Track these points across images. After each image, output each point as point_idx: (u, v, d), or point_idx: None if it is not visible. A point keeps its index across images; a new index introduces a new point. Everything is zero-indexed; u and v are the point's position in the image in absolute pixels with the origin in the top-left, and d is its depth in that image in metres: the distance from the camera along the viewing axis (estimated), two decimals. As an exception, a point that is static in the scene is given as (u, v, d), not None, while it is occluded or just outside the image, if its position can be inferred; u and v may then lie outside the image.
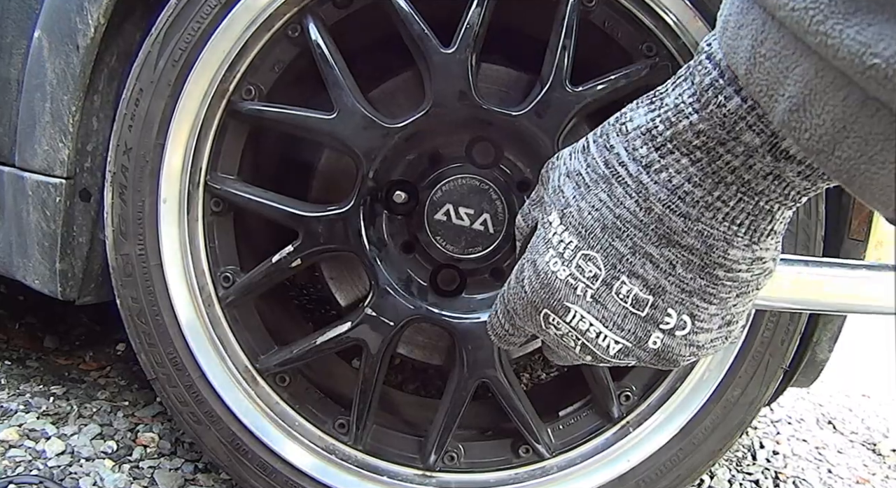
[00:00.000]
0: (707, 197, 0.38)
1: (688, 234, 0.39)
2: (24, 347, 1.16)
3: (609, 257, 0.40)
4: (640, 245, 0.39)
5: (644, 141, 0.39)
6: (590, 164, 0.42)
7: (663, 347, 0.41)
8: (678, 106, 0.38)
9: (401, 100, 0.86)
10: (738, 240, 0.39)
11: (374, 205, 0.79)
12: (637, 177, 0.39)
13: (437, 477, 0.84)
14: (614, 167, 0.40)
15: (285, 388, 0.84)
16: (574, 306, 0.41)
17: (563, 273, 0.41)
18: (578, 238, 0.41)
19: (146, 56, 0.76)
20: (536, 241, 0.44)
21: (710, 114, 0.36)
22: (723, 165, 0.37)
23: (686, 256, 0.39)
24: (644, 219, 0.39)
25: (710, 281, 0.40)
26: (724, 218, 0.38)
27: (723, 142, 0.36)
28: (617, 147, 0.41)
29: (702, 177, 0.38)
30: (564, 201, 0.43)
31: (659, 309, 0.40)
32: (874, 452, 1.49)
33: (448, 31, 0.75)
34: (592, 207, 0.41)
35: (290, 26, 0.78)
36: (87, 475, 0.83)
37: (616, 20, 0.77)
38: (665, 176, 0.38)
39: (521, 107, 0.75)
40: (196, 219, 0.80)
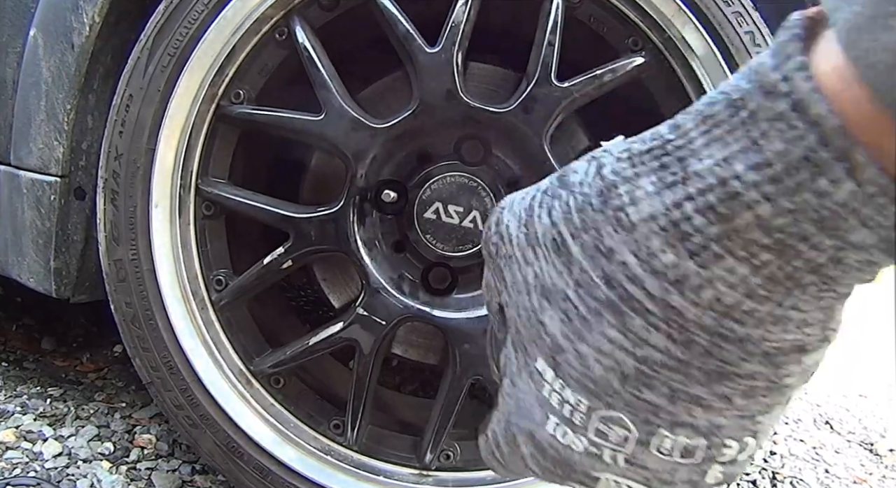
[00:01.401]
0: (776, 310, 0.26)
1: (748, 362, 0.27)
2: (21, 349, 1.16)
3: (639, 413, 0.28)
4: (680, 389, 0.28)
5: (667, 241, 0.26)
6: (580, 282, 0.28)
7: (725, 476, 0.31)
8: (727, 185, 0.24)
9: (390, 100, 0.86)
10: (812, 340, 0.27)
11: (364, 205, 0.80)
12: (663, 299, 0.26)
13: (433, 476, 0.84)
14: (622, 287, 0.27)
15: (280, 390, 0.84)
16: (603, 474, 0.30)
17: (579, 445, 0.30)
18: (589, 395, 0.29)
19: (135, 62, 0.77)
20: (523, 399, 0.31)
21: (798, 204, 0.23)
22: (802, 267, 0.25)
23: (748, 385, 0.28)
24: (682, 357, 0.27)
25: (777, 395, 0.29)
26: (796, 326, 0.26)
27: (806, 238, 0.24)
28: (619, 251, 0.27)
29: (771, 289, 0.25)
30: (552, 342, 0.29)
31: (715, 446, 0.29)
32: (871, 452, 1.49)
33: (435, 30, 0.75)
34: (600, 351, 0.28)
35: (278, 29, 0.78)
36: (84, 476, 0.84)
37: (601, 15, 0.78)
38: (710, 294, 0.26)
39: (508, 104, 0.75)
40: (188, 222, 0.81)
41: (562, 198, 0.30)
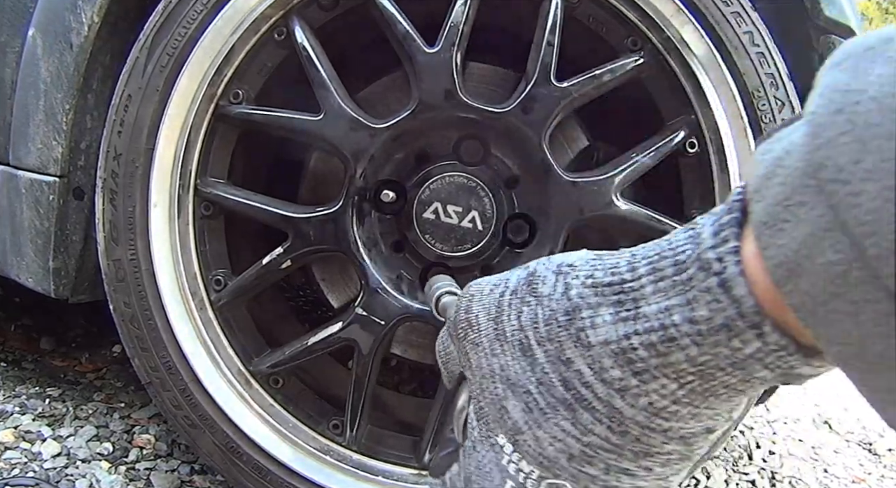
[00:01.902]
0: (693, 410, 0.33)
1: (668, 444, 0.34)
2: (20, 349, 1.16)
3: (580, 481, 0.36)
4: (614, 464, 0.35)
5: (617, 362, 0.32)
6: (542, 381, 0.35)
7: None
8: (667, 330, 0.31)
9: (389, 100, 0.86)
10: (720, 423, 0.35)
11: (363, 205, 0.80)
12: (609, 402, 0.33)
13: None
14: (577, 389, 0.34)
15: (279, 390, 0.84)
16: None
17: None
18: (541, 468, 0.36)
19: (134, 62, 0.77)
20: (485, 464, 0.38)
21: (716, 353, 0.30)
22: (717, 384, 0.31)
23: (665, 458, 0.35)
24: (618, 443, 0.34)
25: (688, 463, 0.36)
26: (709, 417, 0.34)
27: (723, 369, 0.30)
28: (577, 363, 0.33)
29: (691, 397, 0.32)
30: (514, 425, 0.36)
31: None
32: (870, 452, 1.49)
33: (434, 30, 0.75)
34: (554, 438, 0.35)
35: (277, 29, 0.78)
36: (83, 477, 0.84)
37: (600, 15, 0.78)
38: (645, 400, 0.32)
39: (507, 104, 0.75)
40: (187, 223, 0.81)
41: (531, 306, 0.36)
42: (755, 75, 0.73)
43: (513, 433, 0.36)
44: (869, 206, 0.21)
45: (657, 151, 0.77)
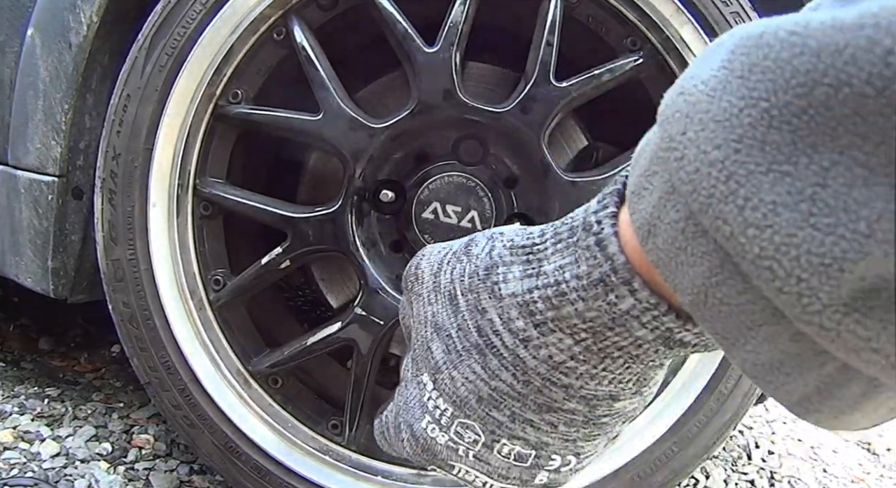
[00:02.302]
0: (591, 370, 0.35)
1: (569, 401, 0.36)
2: (18, 349, 1.16)
3: (487, 425, 0.38)
4: (518, 413, 0.37)
5: (521, 313, 0.35)
6: (461, 327, 0.38)
7: (550, 481, 0.41)
8: (560, 285, 0.34)
9: (388, 100, 0.86)
10: (625, 393, 0.37)
11: (363, 205, 0.80)
12: (514, 351, 0.36)
13: (431, 476, 0.84)
14: (488, 336, 0.37)
15: (278, 390, 0.84)
16: (458, 464, 0.40)
17: (443, 439, 0.40)
18: (454, 407, 0.39)
19: (133, 61, 0.77)
20: (411, 400, 0.42)
21: (598, 307, 0.32)
22: (609, 345, 0.34)
23: (568, 417, 0.37)
24: (522, 391, 0.37)
25: (594, 428, 0.38)
26: (609, 382, 0.36)
27: (611, 328, 0.33)
28: (490, 312, 0.36)
29: (586, 355, 0.34)
30: (435, 364, 0.39)
31: (543, 457, 0.39)
32: (869, 451, 1.49)
33: (434, 30, 0.75)
34: (466, 379, 0.38)
35: (276, 29, 0.78)
36: (82, 477, 0.84)
37: (600, 15, 0.78)
38: (545, 352, 0.35)
39: (506, 103, 0.75)
40: (185, 222, 0.81)
41: (462, 263, 0.40)
42: (754, 75, 0.73)
43: (434, 372, 0.39)
44: (689, 169, 0.25)
45: (656, 151, 0.77)
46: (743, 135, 0.23)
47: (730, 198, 0.23)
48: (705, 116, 0.24)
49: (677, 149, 0.25)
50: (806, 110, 0.21)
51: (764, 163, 0.22)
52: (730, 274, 0.25)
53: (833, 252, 0.21)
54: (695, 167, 0.24)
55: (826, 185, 0.21)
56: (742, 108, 0.23)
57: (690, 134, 0.25)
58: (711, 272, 0.26)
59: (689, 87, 0.26)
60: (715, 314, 0.27)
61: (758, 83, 0.22)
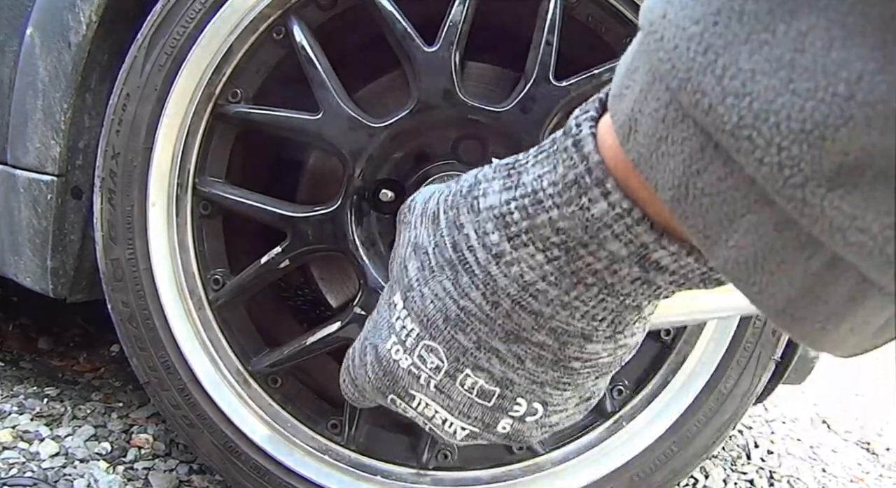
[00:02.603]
0: (563, 296, 0.33)
1: (538, 332, 0.35)
2: (17, 348, 1.16)
3: (452, 350, 0.36)
4: (485, 340, 0.36)
5: (496, 226, 0.34)
6: (437, 244, 0.37)
7: (513, 431, 0.39)
8: (536, 193, 0.32)
9: (387, 100, 0.86)
10: (598, 335, 0.35)
11: (362, 205, 0.80)
12: (485, 267, 0.34)
13: (431, 476, 0.84)
14: (462, 251, 0.35)
15: (277, 390, 0.84)
16: (418, 394, 0.38)
17: (406, 362, 0.38)
18: (420, 327, 0.37)
19: (132, 61, 0.77)
20: (380, 322, 0.40)
21: (572, 213, 0.31)
22: (583, 266, 0.32)
23: (536, 351, 0.35)
24: (490, 314, 0.35)
25: (564, 372, 0.36)
26: (582, 316, 0.34)
27: (584, 245, 0.31)
28: (467, 227, 0.35)
29: (558, 277, 0.33)
30: (408, 283, 0.38)
31: (507, 399, 0.37)
32: (868, 451, 1.49)
33: (434, 29, 0.75)
34: (435, 296, 0.36)
35: (275, 28, 0.78)
36: (81, 476, 0.84)
37: (599, 15, 0.78)
38: (516, 270, 0.33)
39: (506, 103, 0.75)
40: (185, 222, 0.81)
41: (450, 187, 0.39)
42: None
43: (406, 289, 0.38)
44: (667, 47, 0.24)
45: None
46: (720, 7, 0.22)
47: (708, 68, 0.23)
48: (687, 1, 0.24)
49: (657, 33, 0.25)
50: None
51: (742, 34, 0.22)
52: (711, 158, 0.24)
53: (814, 117, 0.20)
54: (673, 44, 0.24)
55: (804, 50, 0.21)
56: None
57: (670, 15, 0.24)
58: (692, 158, 0.25)
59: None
60: (696, 208, 0.26)
61: None
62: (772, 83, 0.21)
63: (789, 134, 0.21)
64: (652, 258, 0.31)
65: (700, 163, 0.25)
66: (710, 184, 0.25)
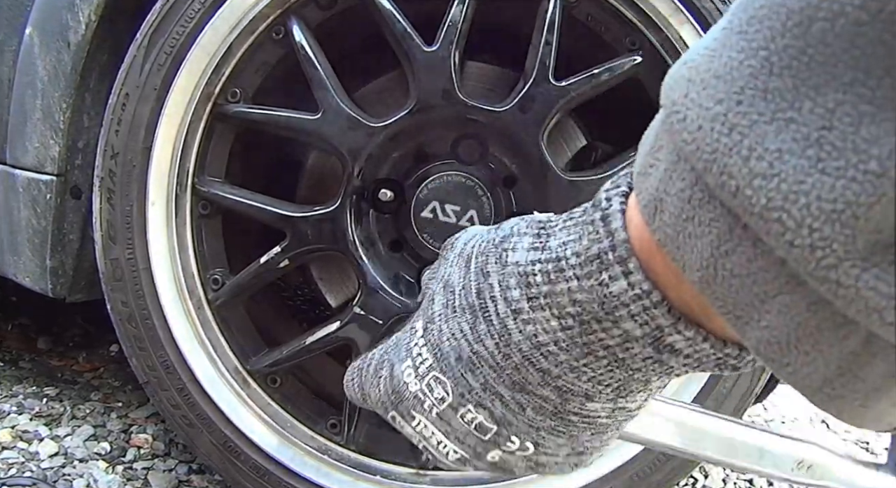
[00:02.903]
0: (573, 362, 0.34)
1: (544, 388, 0.36)
2: (17, 348, 1.16)
3: (459, 386, 0.38)
4: (491, 384, 0.37)
5: (518, 283, 0.35)
6: (465, 286, 0.38)
7: (501, 462, 0.40)
8: (559, 261, 0.33)
9: (387, 99, 0.86)
10: (601, 397, 0.36)
11: (361, 205, 0.80)
12: (503, 320, 0.35)
13: (430, 475, 0.84)
14: (485, 300, 0.37)
15: (277, 389, 0.84)
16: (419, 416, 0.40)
17: (414, 386, 0.40)
18: (434, 359, 0.39)
19: (132, 60, 0.77)
20: (401, 343, 0.42)
21: (591, 288, 0.31)
22: (595, 340, 0.33)
23: (539, 403, 0.36)
24: (501, 363, 0.36)
25: (561, 423, 0.37)
26: (588, 379, 0.35)
27: (599, 320, 0.32)
28: (493, 277, 0.37)
29: (570, 345, 0.34)
30: (431, 315, 0.40)
31: (503, 436, 0.38)
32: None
33: (433, 29, 0.75)
34: (452, 335, 0.38)
35: (275, 28, 0.78)
36: (80, 476, 0.84)
37: (599, 15, 0.78)
38: (531, 329, 0.34)
39: (505, 103, 0.75)
40: (184, 222, 0.81)
41: (490, 233, 0.41)
42: (753, 75, 0.73)
43: (428, 321, 0.40)
44: (691, 128, 0.24)
45: (655, 151, 0.77)
46: (744, 86, 0.22)
47: (734, 150, 0.22)
48: (706, 75, 0.24)
49: (679, 112, 0.24)
50: (805, 51, 0.21)
51: (767, 112, 0.22)
52: (739, 239, 0.24)
53: (845, 196, 0.20)
54: (697, 125, 0.24)
55: (832, 127, 0.20)
56: (742, 60, 0.22)
57: (693, 95, 0.24)
58: (720, 240, 0.25)
59: (691, 55, 0.25)
60: (726, 289, 0.25)
61: (756, 33, 0.22)
62: (800, 163, 0.21)
63: (820, 214, 0.20)
64: (667, 341, 0.31)
65: (728, 244, 0.24)
66: (740, 265, 0.24)
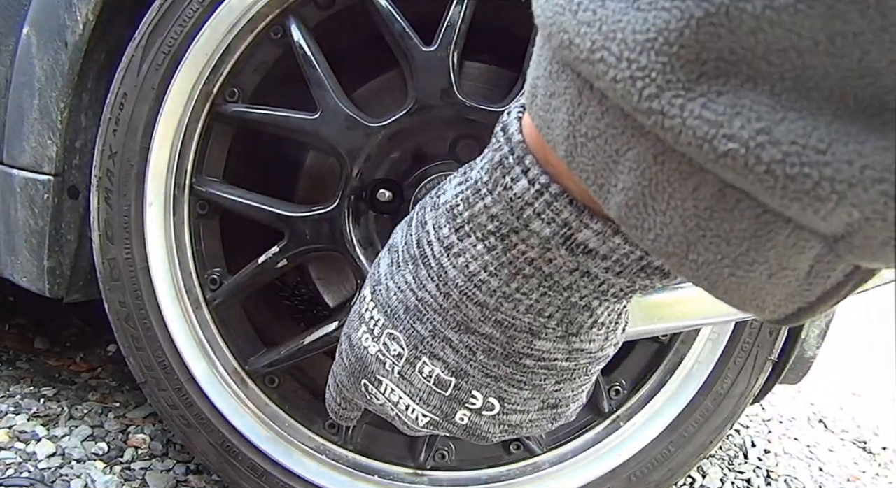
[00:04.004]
0: (504, 287, 0.34)
1: (485, 323, 0.35)
2: (14, 348, 1.16)
3: (411, 338, 0.38)
4: (439, 329, 0.37)
5: (447, 219, 0.36)
6: (406, 241, 0.39)
7: (471, 424, 0.39)
8: (476, 183, 0.34)
9: (386, 99, 0.86)
10: (548, 333, 0.35)
11: (360, 205, 0.79)
12: (439, 260, 0.36)
13: (428, 476, 0.84)
14: (423, 246, 0.37)
15: (275, 389, 0.84)
16: (385, 379, 0.40)
17: (373, 349, 0.40)
18: (385, 317, 0.39)
19: (130, 60, 0.77)
20: (352, 314, 0.43)
21: (500, 196, 0.32)
22: (518, 255, 0.33)
23: (486, 344, 0.36)
24: (443, 304, 0.36)
25: (516, 369, 0.37)
26: (526, 310, 0.34)
27: (516, 231, 0.32)
28: (428, 223, 0.37)
29: (497, 267, 0.34)
30: (377, 277, 0.40)
31: (463, 390, 0.38)
32: (865, 450, 1.49)
33: (431, 29, 0.75)
34: (398, 288, 0.38)
35: (273, 28, 0.78)
36: (78, 477, 0.84)
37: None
38: (462, 261, 0.35)
39: (504, 103, 0.75)
40: (182, 221, 0.80)
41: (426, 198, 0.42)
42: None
43: (375, 283, 0.41)
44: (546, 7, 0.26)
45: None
46: None
47: (567, 7, 0.24)
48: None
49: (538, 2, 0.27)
50: None
51: None
52: (588, 101, 0.25)
53: (656, 24, 0.20)
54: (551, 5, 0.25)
55: None
56: None
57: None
58: (573, 105, 0.25)
59: None
60: (585, 156, 0.26)
61: None
62: (619, 6, 0.22)
63: (636, 46, 0.21)
64: (578, 239, 0.31)
65: (581, 108, 0.25)
66: (591, 127, 0.25)
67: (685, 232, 0.23)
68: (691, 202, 0.23)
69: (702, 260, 0.24)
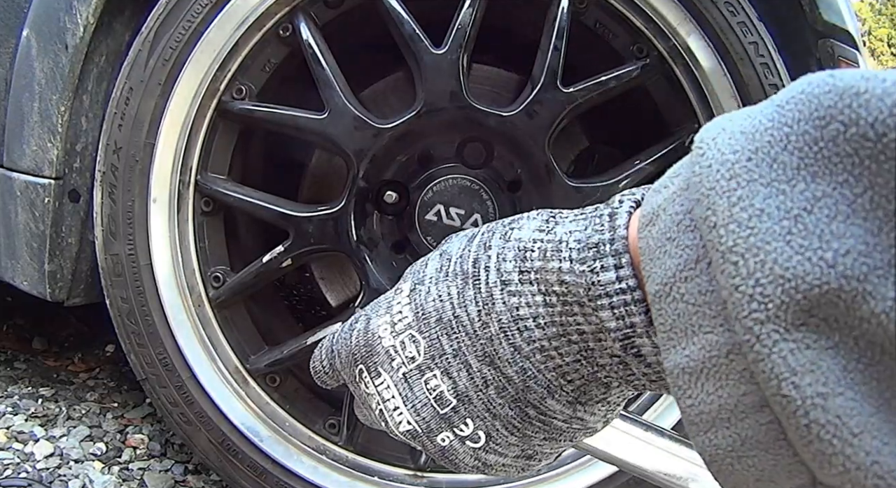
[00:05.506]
0: (544, 342, 0.35)
1: (511, 366, 0.37)
2: (12, 349, 1.15)
3: (432, 348, 0.39)
4: (463, 351, 0.38)
5: (515, 256, 0.37)
6: (462, 255, 0.40)
7: (449, 448, 0.40)
8: (560, 243, 0.35)
9: (392, 100, 0.86)
10: (562, 395, 0.37)
11: (365, 206, 0.79)
12: (490, 289, 0.37)
13: (428, 477, 0.84)
14: (479, 268, 0.38)
15: (276, 389, 0.84)
16: (386, 374, 0.41)
17: (388, 342, 0.41)
18: (414, 317, 0.40)
19: (136, 55, 0.76)
20: (381, 299, 0.43)
21: (581, 272, 0.33)
22: (573, 323, 0.35)
23: (503, 383, 0.37)
24: (478, 331, 0.37)
25: (518, 414, 0.38)
26: (554, 368, 0.36)
27: (581, 305, 0.34)
28: (493, 250, 0.38)
29: (547, 323, 0.35)
30: (422, 277, 0.41)
31: (459, 414, 0.39)
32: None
33: (440, 31, 0.75)
34: (439, 297, 0.39)
35: (282, 26, 0.78)
36: (76, 477, 0.83)
37: (607, 21, 0.78)
38: (515, 301, 0.36)
39: (513, 107, 0.75)
40: (186, 218, 0.80)
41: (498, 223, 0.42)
42: (759, 86, 0.74)
43: (417, 281, 0.41)
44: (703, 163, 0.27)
45: (661, 158, 0.77)
46: (759, 148, 0.25)
47: (726, 194, 0.25)
48: (736, 128, 0.27)
49: (702, 149, 0.27)
50: (818, 141, 0.24)
51: (766, 177, 0.25)
52: (701, 271, 0.27)
53: (797, 269, 0.23)
54: (709, 163, 0.27)
55: (811, 212, 0.24)
56: (768, 127, 0.26)
57: (718, 139, 0.27)
58: (686, 265, 0.28)
59: (738, 110, 0.28)
60: (671, 309, 0.28)
61: (789, 111, 0.25)
62: (774, 227, 0.24)
63: (770, 274, 0.24)
64: (635, 343, 0.33)
65: (691, 271, 0.27)
66: (692, 293, 0.27)
67: (715, 416, 0.27)
68: (734, 400, 0.26)
69: (714, 442, 0.28)
